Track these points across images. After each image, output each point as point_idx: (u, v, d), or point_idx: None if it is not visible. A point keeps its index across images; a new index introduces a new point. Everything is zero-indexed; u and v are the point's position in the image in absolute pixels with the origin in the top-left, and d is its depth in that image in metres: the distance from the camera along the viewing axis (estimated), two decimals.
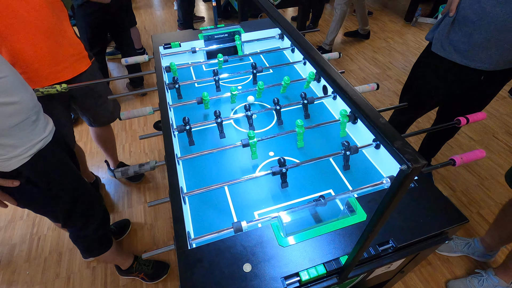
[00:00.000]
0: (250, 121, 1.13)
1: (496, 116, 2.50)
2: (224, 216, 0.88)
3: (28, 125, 0.86)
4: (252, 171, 1.01)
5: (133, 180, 2.00)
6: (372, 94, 2.74)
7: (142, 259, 1.56)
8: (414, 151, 0.38)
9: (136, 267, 1.52)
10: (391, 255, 0.72)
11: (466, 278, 1.48)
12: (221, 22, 3.91)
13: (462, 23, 1.20)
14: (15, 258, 1.65)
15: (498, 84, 1.36)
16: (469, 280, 1.47)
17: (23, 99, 0.84)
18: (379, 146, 0.98)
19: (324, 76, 0.55)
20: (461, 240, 1.61)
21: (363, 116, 0.46)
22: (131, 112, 1.08)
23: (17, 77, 0.85)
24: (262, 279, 0.64)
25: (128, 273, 1.53)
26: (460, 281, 1.48)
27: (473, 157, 0.86)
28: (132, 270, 1.52)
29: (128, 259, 1.50)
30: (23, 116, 0.84)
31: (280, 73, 1.46)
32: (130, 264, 1.51)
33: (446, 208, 0.77)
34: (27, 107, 0.86)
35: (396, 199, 0.41)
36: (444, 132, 1.69)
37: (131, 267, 1.52)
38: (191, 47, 1.48)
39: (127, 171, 0.90)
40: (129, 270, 1.52)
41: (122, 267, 1.52)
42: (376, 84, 1.17)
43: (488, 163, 2.10)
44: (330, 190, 0.94)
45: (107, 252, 1.28)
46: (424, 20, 3.86)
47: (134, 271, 1.52)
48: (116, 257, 1.40)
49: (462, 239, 1.61)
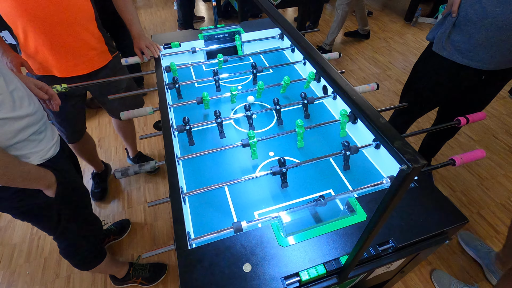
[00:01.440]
0: (250, 121, 1.13)
1: (496, 116, 2.50)
2: (224, 216, 0.88)
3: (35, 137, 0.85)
4: (252, 171, 1.01)
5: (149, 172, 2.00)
6: (372, 94, 2.74)
7: (138, 263, 1.53)
8: (414, 151, 0.38)
9: (133, 273, 1.48)
10: (391, 255, 0.72)
11: (455, 279, 1.46)
12: (221, 22, 3.91)
13: (463, 23, 1.20)
14: (15, 258, 1.65)
15: (498, 84, 1.37)
16: (456, 282, 1.44)
17: (32, 112, 0.84)
18: (379, 146, 0.98)
19: (324, 76, 0.55)
20: (486, 247, 1.56)
21: (363, 116, 0.46)
22: (131, 112, 1.08)
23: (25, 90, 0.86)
24: (262, 279, 0.64)
25: (125, 281, 1.48)
26: (447, 277, 1.47)
27: (473, 157, 0.86)
28: (129, 277, 1.48)
29: (123, 267, 1.46)
30: (33, 128, 0.84)
31: (280, 73, 1.46)
32: (126, 271, 1.47)
33: (446, 208, 0.77)
34: (36, 120, 0.85)
35: (396, 199, 0.41)
36: (444, 132, 1.69)
37: (128, 274, 1.48)
38: (191, 47, 1.48)
39: (127, 171, 0.90)
40: (126, 278, 1.48)
41: (118, 276, 1.47)
42: (376, 84, 1.17)
43: (488, 163, 2.10)
44: (330, 190, 0.94)
45: (101, 264, 1.24)
46: (424, 20, 3.86)
47: (132, 277, 1.48)
48: (111, 267, 1.35)
49: (487, 247, 1.56)
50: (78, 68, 1.27)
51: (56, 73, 1.24)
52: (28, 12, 1.06)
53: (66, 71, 1.25)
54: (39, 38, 1.13)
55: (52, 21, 1.11)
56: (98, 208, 1.87)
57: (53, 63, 1.21)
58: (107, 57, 1.36)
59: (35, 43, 1.14)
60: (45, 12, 1.08)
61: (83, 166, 2.12)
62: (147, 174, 2.05)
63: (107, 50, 1.36)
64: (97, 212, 1.85)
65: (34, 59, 1.19)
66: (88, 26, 1.23)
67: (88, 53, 1.27)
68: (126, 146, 2.02)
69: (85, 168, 2.08)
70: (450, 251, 1.63)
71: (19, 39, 1.15)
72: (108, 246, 1.68)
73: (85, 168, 2.08)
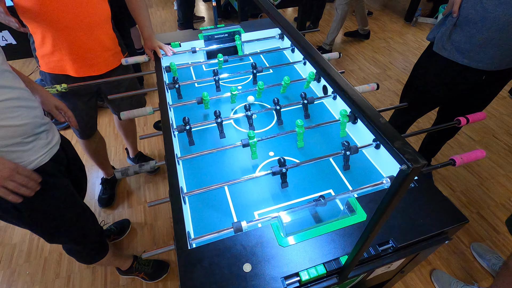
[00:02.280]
0: (250, 121, 1.13)
1: (496, 116, 2.50)
2: (224, 216, 0.88)
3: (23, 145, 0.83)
4: (252, 171, 1.01)
5: (149, 172, 1.99)
6: (372, 94, 2.74)
7: (142, 259, 1.56)
8: (414, 151, 0.38)
9: (136, 267, 1.53)
10: (391, 255, 0.72)
11: (455, 279, 1.46)
12: (221, 22, 3.91)
13: (464, 23, 1.20)
14: (15, 258, 1.65)
15: (498, 84, 1.37)
16: (456, 282, 1.44)
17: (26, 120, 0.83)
18: (379, 146, 0.98)
19: (324, 76, 0.55)
20: (499, 257, 1.51)
21: (363, 116, 0.46)
22: (131, 112, 1.08)
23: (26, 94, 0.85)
24: (262, 279, 0.64)
25: (128, 273, 1.53)
26: (447, 277, 1.46)
27: (473, 157, 0.86)
28: (132, 270, 1.52)
29: (127, 260, 1.51)
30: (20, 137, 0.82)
31: (280, 73, 1.46)
32: (129, 264, 1.51)
33: (446, 208, 0.77)
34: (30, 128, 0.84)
35: (396, 199, 0.41)
36: (444, 132, 1.69)
37: (131, 267, 1.52)
38: (191, 47, 1.48)
39: (127, 171, 0.90)
40: (129, 270, 1.52)
41: (122, 268, 1.52)
42: (376, 84, 1.17)
43: (488, 163, 2.10)
44: (330, 190, 0.94)
45: (105, 258, 1.27)
46: (424, 20, 3.86)
47: (134, 271, 1.53)
48: (114, 260, 1.40)
49: (500, 258, 1.50)
50: (93, 68, 1.28)
51: (71, 73, 1.25)
52: (49, 14, 1.07)
53: (82, 71, 1.26)
54: (57, 39, 1.14)
55: (71, 23, 1.12)
56: (98, 208, 1.87)
57: (69, 63, 1.22)
58: (121, 57, 1.38)
59: (53, 44, 1.15)
60: (64, 14, 1.09)
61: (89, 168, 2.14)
62: (147, 174, 2.05)
63: (120, 51, 1.38)
64: (97, 212, 1.86)
65: (49, 58, 1.20)
66: (105, 27, 1.24)
67: (104, 54, 1.28)
68: (127, 145, 2.02)
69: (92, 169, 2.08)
70: (450, 251, 1.63)
71: (36, 39, 1.16)
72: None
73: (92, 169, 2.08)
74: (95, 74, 1.30)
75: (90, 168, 2.10)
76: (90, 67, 1.27)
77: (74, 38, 1.16)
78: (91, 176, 2.06)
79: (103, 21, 1.22)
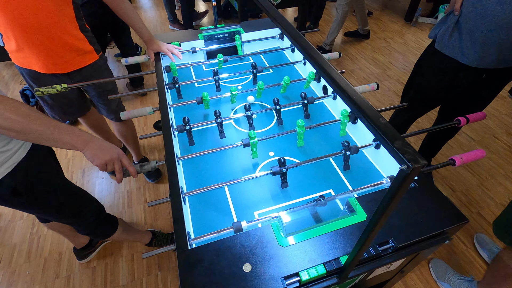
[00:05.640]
0: (250, 121, 1.13)
1: (496, 116, 2.50)
2: (224, 216, 0.88)
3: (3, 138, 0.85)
4: (252, 171, 1.01)
5: (150, 177, 2.03)
6: (372, 94, 2.74)
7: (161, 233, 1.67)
8: (414, 151, 0.38)
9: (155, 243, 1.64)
10: (391, 255, 0.72)
11: (452, 269, 1.46)
12: (221, 22, 3.91)
13: (465, 22, 1.21)
14: (15, 258, 1.66)
15: (499, 83, 1.37)
16: (452, 272, 1.45)
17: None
18: (379, 146, 0.98)
19: (324, 76, 0.55)
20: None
21: (363, 116, 0.46)
22: (131, 112, 1.08)
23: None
24: (262, 279, 0.64)
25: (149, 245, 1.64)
26: (444, 266, 1.47)
27: (473, 157, 0.86)
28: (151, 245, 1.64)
29: (145, 235, 1.60)
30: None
31: (280, 73, 1.46)
32: (149, 240, 1.61)
33: (446, 208, 0.77)
34: None
35: (396, 199, 0.41)
36: (444, 132, 1.69)
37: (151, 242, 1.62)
38: (191, 47, 1.48)
39: (128, 171, 0.90)
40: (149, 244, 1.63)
41: (142, 243, 1.62)
42: (376, 84, 1.17)
43: (488, 163, 2.10)
44: (330, 190, 0.94)
45: (118, 232, 1.37)
46: (424, 20, 3.86)
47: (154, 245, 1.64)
48: (130, 235, 1.49)
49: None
50: (57, 67, 1.30)
51: (38, 69, 1.28)
52: (7, 14, 1.09)
53: (46, 68, 1.29)
54: (20, 38, 1.17)
55: (30, 25, 1.14)
56: None
57: (34, 60, 1.25)
58: (93, 57, 1.39)
59: (16, 42, 1.18)
60: (22, 16, 1.11)
61: (89, 167, 2.13)
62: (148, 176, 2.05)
63: (93, 50, 1.38)
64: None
65: (16, 54, 1.24)
66: (68, 29, 1.25)
67: (69, 54, 1.29)
68: (130, 151, 2.00)
69: (92, 168, 2.08)
70: (450, 251, 1.63)
71: (3, 35, 1.19)
72: (108, 246, 1.68)
73: (92, 168, 2.08)
74: (60, 73, 1.32)
75: (90, 168, 2.10)
76: (55, 65, 1.29)
77: (35, 39, 1.18)
78: (91, 176, 2.07)
79: (65, 23, 1.23)
